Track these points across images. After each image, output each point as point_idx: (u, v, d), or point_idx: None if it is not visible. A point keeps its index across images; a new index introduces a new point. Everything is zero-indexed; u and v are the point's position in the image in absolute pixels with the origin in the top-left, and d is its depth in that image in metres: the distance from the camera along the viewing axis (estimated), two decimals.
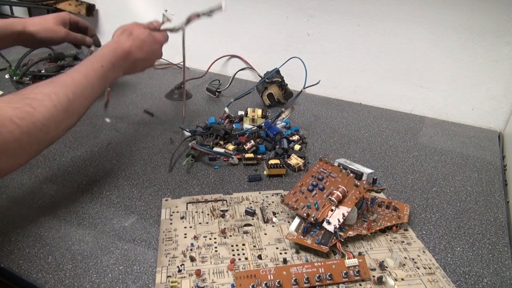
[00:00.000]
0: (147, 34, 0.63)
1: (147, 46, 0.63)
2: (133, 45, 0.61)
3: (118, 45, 0.60)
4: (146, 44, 0.63)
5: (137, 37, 0.62)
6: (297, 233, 0.50)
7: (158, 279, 0.44)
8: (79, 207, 0.55)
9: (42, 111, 0.46)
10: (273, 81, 0.85)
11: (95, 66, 0.55)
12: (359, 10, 0.86)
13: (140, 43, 0.62)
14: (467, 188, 0.63)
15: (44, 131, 0.46)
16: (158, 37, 0.66)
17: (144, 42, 0.62)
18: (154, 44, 0.65)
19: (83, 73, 0.53)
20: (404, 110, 0.91)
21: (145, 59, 0.64)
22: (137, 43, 0.62)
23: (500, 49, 0.78)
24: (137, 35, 0.62)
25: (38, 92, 0.47)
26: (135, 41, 0.61)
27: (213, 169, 0.65)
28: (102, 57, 0.57)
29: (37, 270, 0.44)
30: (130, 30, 0.62)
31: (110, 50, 0.59)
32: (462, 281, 0.45)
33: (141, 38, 0.62)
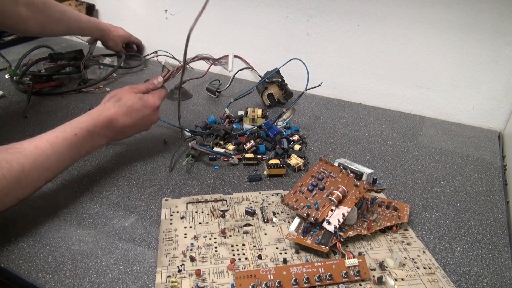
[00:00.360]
0: (136, 99, 0.60)
1: (135, 112, 0.60)
2: (119, 112, 0.58)
3: (101, 112, 0.57)
4: (134, 109, 0.60)
5: (124, 104, 0.59)
6: (297, 233, 0.50)
7: (158, 279, 0.44)
8: (79, 207, 0.55)
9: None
10: (273, 81, 0.85)
11: (67, 134, 0.52)
12: (359, 10, 0.86)
13: (127, 109, 0.59)
14: (467, 188, 0.63)
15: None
16: (150, 101, 0.62)
17: (132, 108, 0.59)
18: (144, 109, 0.61)
19: (50, 141, 0.50)
20: (404, 110, 0.91)
21: (135, 124, 0.61)
22: (123, 110, 0.59)
23: (500, 49, 0.78)
24: (124, 102, 0.59)
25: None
26: (121, 108, 0.59)
27: (213, 169, 0.65)
28: (78, 124, 0.54)
29: (37, 270, 0.45)
30: (119, 96, 0.60)
31: (90, 117, 0.56)
32: (462, 281, 0.45)
33: (128, 104, 0.59)
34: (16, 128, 0.74)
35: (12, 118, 0.78)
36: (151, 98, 0.63)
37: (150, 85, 0.65)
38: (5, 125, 0.75)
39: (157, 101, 0.63)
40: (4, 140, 0.69)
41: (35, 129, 0.74)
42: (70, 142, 0.52)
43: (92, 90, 0.92)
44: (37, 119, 0.78)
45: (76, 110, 0.83)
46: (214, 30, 1.05)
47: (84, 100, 0.88)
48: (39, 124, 0.76)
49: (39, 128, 0.75)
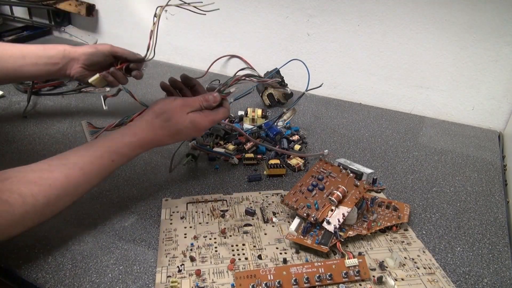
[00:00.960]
0: (187, 122, 0.52)
1: (182, 135, 0.54)
2: (165, 134, 0.52)
3: (147, 135, 0.51)
4: (183, 133, 0.53)
5: (174, 126, 0.52)
6: (297, 233, 0.50)
7: (158, 279, 0.44)
8: (79, 207, 0.55)
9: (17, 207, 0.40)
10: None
11: (104, 161, 0.48)
12: (359, 10, 0.86)
13: (175, 132, 0.52)
14: (467, 188, 0.63)
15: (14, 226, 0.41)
16: (202, 124, 0.53)
17: (181, 131, 0.52)
18: (193, 132, 0.54)
19: (85, 169, 0.46)
20: (404, 110, 0.91)
21: (175, 141, 0.55)
22: (171, 132, 0.52)
23: (500, 49, 0.78)
24: (174, 123, 0.51)
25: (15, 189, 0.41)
26: (168, 131, 0.52)
27: (213, 169, 0.65)
28: (119, 149, 0.49)
29: (37, 270, 0.44)
30: (169, 115, 0.51)
31: (133, 140, 0.50)
32: (462, 281, 0.45)
33: (178, 128, 0.52)
34: (16, 128, 0.74)
35: (12, 118, 0.78)
36: (203, 123, 0.53)
37: (205, 101, 0.54)
38: (5, 125, 0.75)
39: (208, 125, 0.55)
40: (4, 140, 0.69)
41: (35, 129, 0.74)
42: (105, 168, 0.48)
43: (92, 90, 0.92)
44: (37, 119, 0.78)
45: (76, 110, 0.83)
46: (214, 30, 1.05)
47: (84, 100, 0.87)
48: (39, 124, 0.76)
49: (39, 128, 0.75)
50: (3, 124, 0.75)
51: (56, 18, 1.25)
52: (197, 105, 0.53)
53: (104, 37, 1.21)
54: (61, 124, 0.77)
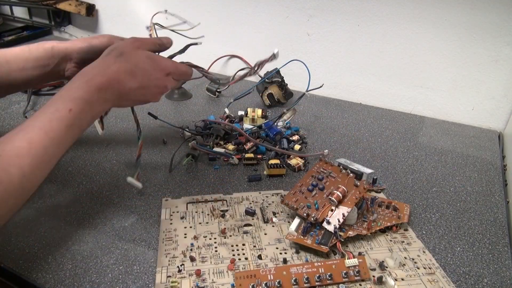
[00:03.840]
0: (144, 57, 0.49)
1: (142, 72, 0.48)
2: (121, 70, 0.47)
3: (99, 71, 0.46)
4: (141, 69, 0.48)
5: (129, 60, 0.48)
6: (297, 233, 0.50)
7: (158, 279, 0.44)
8: (79, 207, 0.55)
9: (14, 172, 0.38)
10: (273, 81, 0.85)
11: (62, 114, 0.43)
12: (359, 10, 0.86)
13: (132, 67, 0.47)
14: (467, 188, 0.63)
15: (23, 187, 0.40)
16: (163, 62, 0.51)
17: (138, 67, 0.48)
18: (154, 72, 0.49)
19: (44, 129, 0.42)
20: (404, 110, 0.91)
21: (140, 88, 0.49)
22: (127, 67, 0.47)
23: (500, 49, 0.78)
24: (129, 57, 0.48)
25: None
26: (124, 64, 0.47)
27: (213, 169, 0.65)
28: (71, 95, 0.44)
29: (37, 270, 0.44)
30: (121, 50, 0.48)
31: (84, 80, 0.45)
32: (462, 281, 0.45)
33: (133, 61, 0.48)
34: None
35: (12, 118, 0.78)
36: (164, 60, 0.50)
37: (158, 40, 0.52)
38: (5, 125, 0.75)
39: (170, 66, 0.51)
40: None
41: None
42: (67, 121, 0.43)
43: None
44: None
45: None
46: (214, 30, 1.05)
47: None
48: None
49: None
50: (3, 124, 0.75)
51: (56, 18, 1.25)
52: (150, 43, 0.51)
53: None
54: None
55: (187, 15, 1.07)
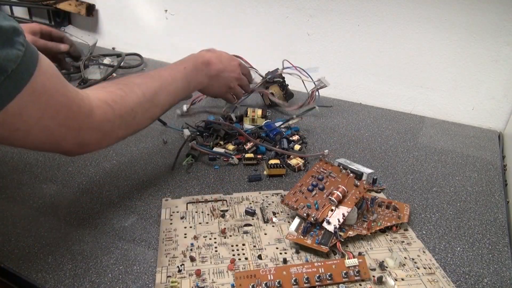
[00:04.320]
0: (223, 52, 0.73)
1: (225, 59, 0.71)
2: (212, 56, 0.69)
3: (199, 55, 0.67)
4: (224, 57, 0.71)
5: (215, 51, 0.71)
6: (297, 233, 0.50)
7: (158, 279, 0.44)
8: (79, 207, 0.55)
9: (132, 96, 0.50)
10: (274, 81, 0.85)
11: (179, 68, 0.62)
12: (359, 10, 0.86)
13: (218, 55, 0.70)
14: (467, 188, 0.63)
15: (132, 115, 0.50)
16: (239, 61, 0.76)
17: (221, 55, 0.71)
18: (232, 60, 0.73)
19: (169, 72, 0.59)
20: (404, 110, 0.91)
21: (224, 70, 0.70)
22: (215, 55, 0.69)
23: (500, 49, 0.78)
24: (214, 50, 0.71)
25: (129, 81, 0.52)
26: (214, 53, 0.70)
27: (213, 169, 0.65)
28: (184, 61, 0.64)
29: (37, 270, 0.44)
30: (209, 49, 0.71)
31: (191, 57, 0.66)
32: (462, 281, 0.45)
33: (218, 52, 0.71)
34: None
35: None
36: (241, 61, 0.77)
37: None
38: None
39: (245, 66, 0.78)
40: None
41: None
42: (182, 74, 0.61)
43: None
44: None
45: None
46: (214, 30, 1.05)
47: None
48: None
49: None
50: None
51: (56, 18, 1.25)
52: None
53: (104, 37, 1.21)
54: None
55: (187, 15, 1.07)
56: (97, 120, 0.44)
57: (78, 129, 0.43)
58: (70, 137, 0.43)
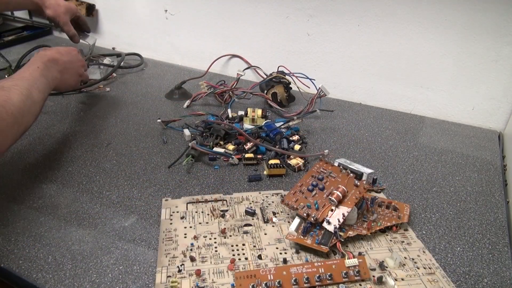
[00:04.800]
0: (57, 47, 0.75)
1: (64, 51, 0.74)
2: (53, 51, 0.71)
3: (41, 54, 0.69)
4: (62, 49, 0.74)
5: (51, 48, 0.74)
6: (297, 233, 0.50)
7: (158, 279, 0.44)
8: (79, 207, 0.55)
9: (15, 95, 0.53)
10: (281, 81, 0.86)
11: (33, 67, 0.64)
12: (359, 10, 0.86)
13: (56, 50, 0.73)
14: (467, 188, 0.63)
15: (21, 113, 0.53)
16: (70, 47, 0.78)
17: (59, 49, 0.73)
18: (70, 50, 0.76)
19: (28, 72, 0.62)
20: (404, 110, 0.91)
21: (69, 61, 0.74)
22: (54, 51, 0.72)
23: (500, 49, 0.78)
24: (50, 48, 0.73)
25: (2, 85, 0.54)
26: (52, 50, 0.72)
27: (213, 169, 0.65)
28: (34, 62, 0.66)
29: (37, 270, 0.45)
30: (44, 49, 0.72)
31: (37, 58, 0.68)
32: (462, 281, 0.45)
33: (55, 48, 0.74)
34: None
35: None
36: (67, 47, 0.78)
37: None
38: None
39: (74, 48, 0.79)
40: None
41: (35, 129, 0.74)
42: (39, 72, 0.63)
43: (92, 90, 0.92)
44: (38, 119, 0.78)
45: (76, 110, 0.83)
46: (214, 30, 1.05)
47: (84, 100, 0.88)
48: (39, 124, 0.76)
49: (39, 128, 0.75)
50: None
51: None
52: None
53: (104, 37, 1.21)
54: (61, 124, 0.77)
55: (187, 15, 1.07)
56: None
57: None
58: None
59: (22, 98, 0.54)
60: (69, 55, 0.75)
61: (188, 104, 0.87)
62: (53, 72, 0.68)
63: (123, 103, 0.88)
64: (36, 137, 0.72)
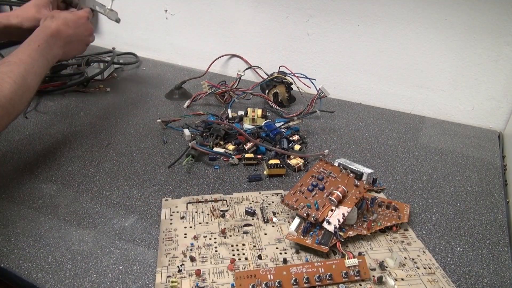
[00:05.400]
0: (66, 13, 0.71)
1: (71, 22, 0.70)
2: (59, 23, 0.67)
3: (45, 28, 0.66)
4: (70, 20, 0.69)
5: (59, 17, 0.69)
6: (297, 233, 0.50)
7: (158, 279, 0.44)
8: (79, 207, 0.55)
9: (6, 86, 0.52)
10: (282, 81, 0.86)
11: (33, 46, 0.61)
12: (359, 10, 0.86)
13: (64, 20, 0.68)
14: (467, 188, 0.63)
15: (11, 103, 0.53)
16: (79, 12, 0.74)
17: (67, 19, 0.69)
18: (78, 19, 0.71)
19: (26, 54, 0.59)
20: (404, 110, 0.91)
21: (75, 34, 0.70)
22: (61, 21, 0.68)
23: (500, 49, 0.78)
24: (58, 15, 0.69)
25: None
26: (58, 20, 0.68)
27: (213, 169, 0.65)
28: (35, 38, 0.63)
29: (37, 270, 0.45)
30: (51, 15, 0.69)
31: (40, 32, 0.65)
32: (462, 281, 0.45)
33: (62, 17, 0.69)
34: (16, 129, 0.74)
35: None
36: (77, 12, 0.74)
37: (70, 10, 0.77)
38: None
39: (82, 13, 0.74)
40: (5, 140, 0.70)
41: (35, 129, 0.74)
42: (38, 52, 0.61)
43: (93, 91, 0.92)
44: (37, 119, 0.78)
45: (76, 110, 0.83)
46: (214, 30, 1.05)
47: (84, 100, 0.88)
48: (39, 124, 0.76)
49: (39, 128, 0.75)
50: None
51: None
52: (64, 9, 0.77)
53: (104, 37, 1.21)
54: (61, 124, 0.77)
55: (187, 15, 1.07)
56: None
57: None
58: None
59: (14, 88, 0.53)
60: (75, 24, 0.71)
61: (188, 104, 0.87)
62: (54, 50, 0.66)
63: (123, 103, 0.88)
64: (36, 137, 0.72)
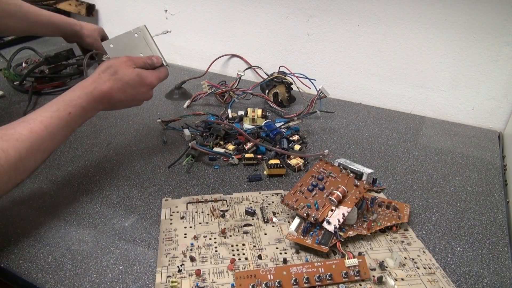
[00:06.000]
0: (134, 75, 0.57)
1: (131, 88, 0.57)
2: (114, 87, 0.55)
3: (96, 86, 0.54)
4: (130, 86, 0.57)
5: (121, 79, 0.56)
6: (297, 233, 0.50)
7: (158, 279, 0.44)
8: (79, 207, 0.55)
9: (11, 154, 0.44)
10: (283, 82, 0.86)
11: (62, 114, 0.50)
12: (359, 10, 0.86)
13: (123, 85, 0.56)
14: (467, 188, 0.63)
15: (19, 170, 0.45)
16: (149, 79, 0.59)
17: (128, 84, 0.57)
18: (141, 87, 0.58)
19: (45, 123, 0.49)
20: (404, 110, 0.91)
21: (127, 101, 0.59)
22: (119, 85, 0.56)
23: (500, 49, 0.78)
24: (121, 76, 0.56)
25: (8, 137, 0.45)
26: (116, 83, 0.56)
27: (213, 169, 0.65)
28: (72, 101, 0.52)
29: (37, 270, 0.45)
30: (115, 69, 0.56)
31: (84, 92, 0.54)
32: (462, 281, 0.45)
33: (125, 80, 0.56)
34: None
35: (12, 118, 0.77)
36: (150, 77, 0.59)
37: (148, 60, 0.61)
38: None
39: (155, 81, 0.60)
40: None
41: None
42: (64, 122, 0.51)
43: None
44: None
45: None
46: (214, 30, 1.05)
47: None
48: None
49: None
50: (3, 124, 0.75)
51: None
52: (141, 62, 0.60)
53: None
54: None
55: (187, 15, 1.07)
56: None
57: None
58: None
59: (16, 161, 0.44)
60: (135, 91, 0.58)
61: (188, 104, 0.87)
62: (90, 115, 0.55)
63: None
64: None
